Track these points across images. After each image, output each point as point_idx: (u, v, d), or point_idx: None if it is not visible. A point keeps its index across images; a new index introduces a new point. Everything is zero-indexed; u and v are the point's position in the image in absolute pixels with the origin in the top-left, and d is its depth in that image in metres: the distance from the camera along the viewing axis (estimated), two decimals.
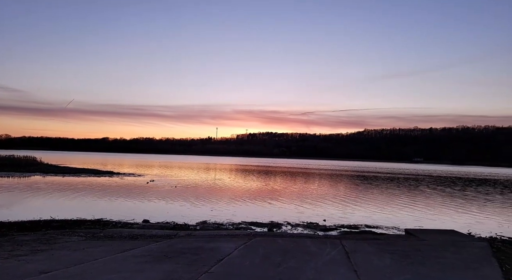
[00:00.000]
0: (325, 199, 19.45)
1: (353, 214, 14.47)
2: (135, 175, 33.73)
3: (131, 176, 32.29)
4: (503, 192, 27.53)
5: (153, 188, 22.48)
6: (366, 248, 6.82)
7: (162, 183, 26.12)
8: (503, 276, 4.87)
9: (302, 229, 11.15)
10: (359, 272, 4.97)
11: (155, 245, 6.84)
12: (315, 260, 5.62)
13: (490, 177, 50.82)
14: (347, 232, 10.76)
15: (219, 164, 76.83)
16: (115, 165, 55.28)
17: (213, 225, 11.25)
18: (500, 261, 5.76)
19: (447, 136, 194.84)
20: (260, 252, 6.23)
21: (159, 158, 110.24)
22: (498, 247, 7.02)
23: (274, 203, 17.06)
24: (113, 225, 10.24)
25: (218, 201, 17.22)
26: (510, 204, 19.52)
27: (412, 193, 24.38)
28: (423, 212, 15.80)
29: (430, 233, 8.64)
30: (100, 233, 8.33)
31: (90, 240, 7.40)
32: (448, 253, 6.27)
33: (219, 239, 7.70)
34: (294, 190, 23.91)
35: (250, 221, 12.14)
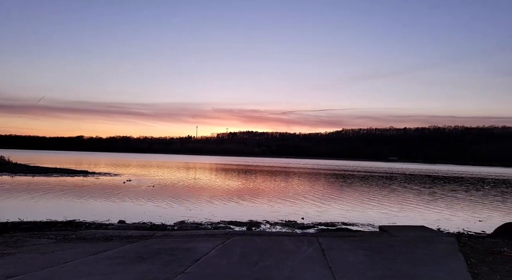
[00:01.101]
0: (304, 197, 19.71)
1: (330, 212, 14.75)
2: (111, 174, 32.81)
3: (107, 175, 31.39)
4: (468, 189, 28.94)
5: (130, 188, 21.96)
6: (342, 245, 6.97)
7: (139, 182, 25.56)
8: (468, 269, 5.12)
9: (281, 228, 11.25)
10: (334, 268, 5.07)
11: (130, 246, 6.68)
12: (291, 258, 5.68)
13: (457, 175, 53.26)
14: (324, 230, 10.96)
15: (199, 163, 76.11)
16: (90, 164, 53.53)
17: (191, 225, 11.13)
18: (465, 255, 6.05)
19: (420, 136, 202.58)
20: (237, 251, 6.23)
21: (137, 157, 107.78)
22: (464, 242, 7.36)
23: (254, 202, 17.10)
24: (87, 226, 9.91)
25: (197, 200, 17.06)
26: (475, 201, 20.54)
27: (386, 191, 25.15)
28: (396, 209, 16.34)
29: (402, 229, 8.94)
30: (72, 235, 8.04)
31: (61, 243, 7.13)
32: (418, 249, 6.52)
33: (197, 239, 7.63)
34: (273, 189, 24.07)
35: (229, 221, 12.12)
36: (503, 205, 19.15)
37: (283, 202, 17.51)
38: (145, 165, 58.29)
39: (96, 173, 32.68)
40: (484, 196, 23.24)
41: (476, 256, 6.07)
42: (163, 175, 35.21)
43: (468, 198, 21.71)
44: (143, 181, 27.10)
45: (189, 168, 51.48)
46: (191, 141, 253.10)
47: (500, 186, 32.82)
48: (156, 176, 33.44)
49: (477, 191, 26.80)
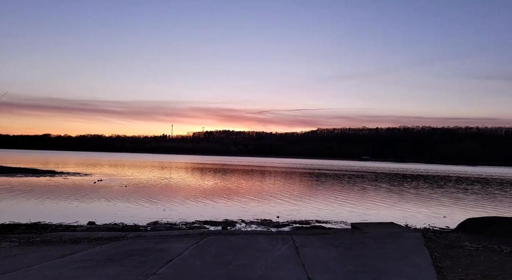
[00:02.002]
0: (279, 196, 19.89)
1: (304, 210, 14.98)
2: (81, 174, 31.52)
3: (76, 175, 30.12)
4: (433, 186, 30.42)
5: (101, 188, 21.20)
6: (315, 242, 7.10)
7: (111, 182, 24.73)
8: (432, 263, 5.38)
9: (256, 226, 11.29)
10: (307, 266, 5.16)
11: (100, 248, 6.45)
12: (266, 257, 5.71)
13: (424, 173, 55.82)
14: (299, 228, 11.11)
15: (174, 162, 74.78)
16: (58, 163, 51.16)
17: (165, 225, 10.93)
18: (430, 249, 6.35)
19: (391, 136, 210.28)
20: (212, 251, 6.18)
21: (109, 157, 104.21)
22: (430, 237, 7.73)
23: (229, 201, 17.05)
24: (53, 228, 9.46)
25: (171, 200, 16.76)
26: (440, 198, 21.62)
27: (358, 189, 25.91)
28: (368, 206, 16.88)
29: (372, 226, 9.24)
30: (37, 238, 7.64)
31: (24, 246, 6.76)
32: (387, 244, 6.77)
33: (170, 240, 7.49)
34: (249, 188, 24.11)
35: (204, 220, 12.00)
36: (465, 201, 20.28)
37: (258, 201, 17.58)
38: (118, 164, 56.50)
39: (64, 173, 31.27)
40: (448, 193, 24.50)
41: (440, 250, 6.39)
42: (137, 174, 34.29)
43: (433, 195, 22.80)
44: (115, 181, 26.25)
45: (163, 168, 50.46)
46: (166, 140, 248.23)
47: (462, 184, 34.75)
48: (129, 175, 32.51)
49: (441, 189, 28.22)
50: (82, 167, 44.82)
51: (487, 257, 6.03)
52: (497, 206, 18.65)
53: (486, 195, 23.97)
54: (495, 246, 6.95)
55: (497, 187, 31.57)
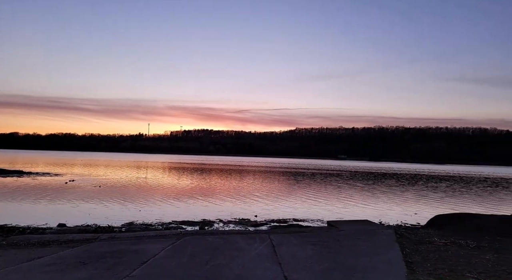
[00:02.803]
0: (257, 195, 19.95)
1: (282, 209, 15.11)
2: (51, 174, 30.20)
3: (46, 175, 28.82)
4: (405, 184, 31.61)
5: (73, 188, 20.42)
6: (292, 240, 7.17)
7: (84, 183, 23.87)
8: (403, 259, 5.59)
9: (234, 226, 11.26)
10: (283, 264, 5.21)
11: (70, 251, 6.20)
12: (242, 256, 5.71)
13: (397, 172, 57.84)
14: (277, 226, 11.19)
15: (150, 161, 73.21)
16: (26, 163, 48.75)
17: (140, 226, 10.68)
18: (402, 245, 6.59)
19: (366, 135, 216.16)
20: (188, 251, 6.10)
21: (82, 156, 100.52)
22: (401, 233, 8.01)
23: (207, 201, 16.91)
24: (20, 231, 8.99)
25: (148, 200, 16.40)
26: (411, 195, 22.49)
27: (335, 187, 26.46)
28: (344, 204, 17.27)
29: (348, 223, 9.47)
30: (3, 242, 7.25)
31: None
32: (361, 241, 6.96)
33: (146, 241, 7.33)
34: (227, 188, 24.02)
35: (181, 220, 11.84)
36: (434, 199, 21.20)
37: (237, 200, 17.55)
38: (92, 164, 54.62)
39: (33, 173, 29.84)
40: (418, 191, 25.52)
41: (411, 246, 6.64)
42: (111, 174, 33.29)
43: (405, 193, 23.67)
44: (88, 181, 25.35)
45: (140, 167, 49.29)
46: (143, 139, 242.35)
47: (432, 182, 36.32)
48: (104, 175, 31.50)
49: (412, 187, 29.35)
50: (53, 167, 42.95)
51: (454, 252, 6.32)
52: (463, 202, 19.62)
53: (453, 193, 25.16)
54: (462, 241, 7.30)
55: (463, 185, 33.23)
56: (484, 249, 6.61)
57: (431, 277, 4.64)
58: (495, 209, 17.20)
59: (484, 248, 6.74)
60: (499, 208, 17.69)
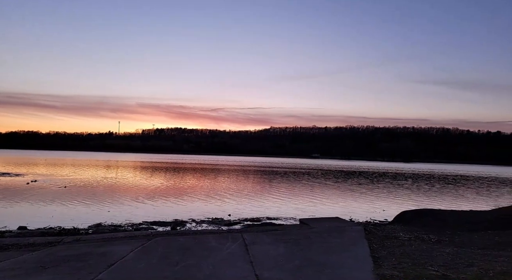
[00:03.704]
0: (231, 194, 19.89)
1: (256, 208, 15.17)
2: (11, 174, 28.41)
3: (6, 176, 27.07)
4: (373, 182, 32.82)
5: (35, 189, 19.34)
6: (264, 239, 7.21)
7: (47, 183, 22.67)
8: (370, 254, 5.79)
9: (207, 225, 11.16)
10: (255, 263, 5.22)
11: (31, 255, 5.86)
12: (214, 256, 5.66)
13: (366, 170, 59.91)
14: (250, 225, 11.21)
15: (121, 161, 70.86)
16: None
17: (109, 227, 10.31)
18: (369, 241, 6.83)
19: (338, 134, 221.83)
20: (158, 252, 5.96)
21: (46, 155, 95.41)
22: (370, 230, 8.30)
23: (180, 201, 16.62)
24: None
25: (117, 201, 15.86)
26: (379, 193, 23.38)
27: (307, 185, 26.95)
28: (316, 202, 17.62)
29: (319, 221, 9.66)
30: None
31: None
32: (331, 238, 7.13)
33: (114, 242, 7.08)
34: (201, 187, 23.75)
35: (153, 221, 11.57)
36: (401, 195, 22.16)
37: (210, 200, 17.40)
38: (56, 163, 51.98)
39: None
40: (386, 188, 26.58)
41: (378, 242, 6.89)
42: (78, 174, 31.87)
43: (374, 190, 24.56)
44: (52, 181, 24.10)
45: (109, 167, 47.56)
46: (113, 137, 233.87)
47: (398, 179, 37.95)
48: (70, 175, 30.08)
49: (380, 184, 30.53)
50: (13, 166, 40.44)
51: (417, 246, 6.64)
52: (426, 199, 20.66)
53: (417, 190, 26.44)
54: (424, 236, 7.68)
55: (426, 182, 35.01)
56: (444, 243, 6.99)
57: (395, 270, 4.83)
58: (454, 205, 18.25)
59: (445, 242, 7.13)
60: (458, 204, 18.79)
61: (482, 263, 5.22)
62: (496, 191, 28.07)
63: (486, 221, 9.62)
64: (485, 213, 11.44)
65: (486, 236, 7.75)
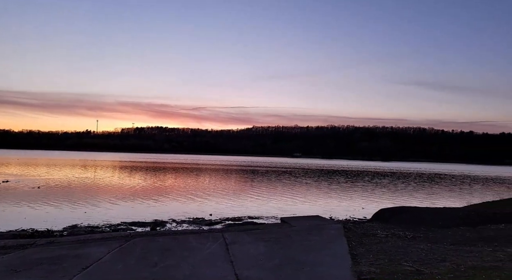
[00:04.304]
0: (213, 194, 19.77)
1: (238, 207, 15.15)
2: None
3: None
4: (353, 180, 33.53)
5: (7, 190, 18.51)
6: (245, 238, 7.21)
7: (20, 183, 21.73)
8: (349, 251, 5.91)
9: (188, 225, 11.04)
10: (235, 262, 5.21)
11: (1, 259, 5.59)
12: (194, 256, 5.61)
13: (347, 169, 61.13)
14: (231, 225, 11.18)
15: (99, 160, 68.93)
16: None
17: (85, 229, 10.00)
18: (348, 239, 6.96)
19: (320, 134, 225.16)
20: (136, 253, 5.84)
21: (19, 154, 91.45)
22: (349, 228, 8.46)
23: (160, 201, 16.36)
24: None
25: (94, 201, 15.42)
26: (359, 191, 23.91)
27: (289, 184, 27.18)
28: (297, 201, 17.80)
29: (300, 219, 9.76)
30: None
31: None
32: (311, 236, 7.22)
33: (90, 244, 6.87)
34: (181, 186, 23.47)
35: (131, 221, 11.33)
36: (379, 193, 22.74)
37: (191, 199, 17.23)
38: (30, 163, 49.93)
39: None
40: (365, 187, 27.21)
41: (356, 239, 7.04)
42: (52, 174, 30.74)
43: (354, 189, 25.09)
44: (25, 181, 23.14)
45: (86, 166, 46.17)
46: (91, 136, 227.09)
47: (377, 178, 38.94)
48: (43, 175, 28.96)
49: (360, 182, 31.22)
50: None
51: (394, 243, 6.83)
52: (403, 197, 21.31)
53: (395, 188, 27.22)
54: (401, 233, 7.91)
55: (403, 180, 36.11)
56: (419, 239, 7.22)
57: (372, 267, 4.95)
58: (429, 202, 18.92)
59: (420, 238, 7.38)
60: (433, 201, 19.49)
61: (454, 258, 5.43)
62: (468, 188, 29.33)
63: (458, 217, 10.01)
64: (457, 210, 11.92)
65: (458, 232, 8.07)
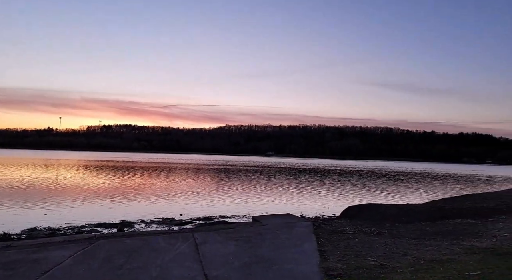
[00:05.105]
0: (183, 193, 19.45)
1: (209, 207, 15.00)
2: None
3: None
4: (322, 178, 34.39)
5: None
6: (216, 238, 7.15)
7: None
8: (317, 248, 6.04)
9: (157, 226, 10.79)
10: (204, 262, 5.15)
11: None
12: (162, 257, 5.48)
13: (317, 167, 62.56)
14: (202, 224, 11.05)
15: (62, 159, 65.53)
16: None
17: (46, 232, 9.48)
18: (317, 236, 7.12)
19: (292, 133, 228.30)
20: (101, 256, 5.61)
21: None
22: (318, 225, 8.65)
23: (128, 201, 15.84)
24: None
25: (55, 203, 14.64)
26: (328, 188, 24.56)
27: (261, 183, 27.34)
28: (269, 199, 17.94)
29: (271, 218, 9.84)
30: None
31: None
32: (282, 234, 7.31)
33: (50, 248, 6.51)
34: (150, 186, 22.88)
35: (97, 223, 10.87)
36: (348, 191, 23.48)
37: (161, 199, 16.83)
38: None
39: None
40: (335, 184, 27.99)
41: (325, 236, 7.21)
42: (8, 174, 28.79)
43: (324, 187, 25.71)
44: None
45: (48, 165, 43.72)
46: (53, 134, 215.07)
47: (345, 176, 40.20)
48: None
49: (329, 180, 32.07)
50: None
51: (360, 239, 7.07)
52: (369, 194, 22.15)
53: (362, 185, 28.23)
54: (367, 229, 8.20)
55: (369, 178, 37.54)
56: (384, 235, 7.53)
57: (339, 263, 5.09)
58: (394, 199, 19.80)
59: (384, 234, 7.69)
60: (397, 198, 20.42)
61: (415, 252, 5.72)
62: (429, 185, 31.04)
63: (420, 213, 10.57)
64: (419, 206, 12.58)
65: (420, 227, 8.51)
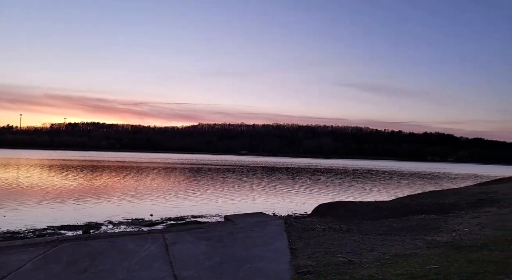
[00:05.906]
0: (154, 193, 18.99)
1: (181, 206, 14.76)
2: None
3: None
4: (294, 177, 34.96)
5: None
6: (187, 238, 7.04)
7: None
8: (288, 246, 6.12)
9: (126, 227, 10.46)
10: (174, 263, 5.05)
11: None
12: (130, 259, 5.31)
13: (290, 166, 63.48)
14: (174, 225, 10.85)
15: (22, 158, 61.72)
16: None
17: (4, 235, 8.92)
18: (288, 234, 7.21)
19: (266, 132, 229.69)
20: (64, 259, 5.34)
21: None
22: (290, 223, 8.77)
23: (95, 202, 15.21)
24: None
25: (15, 204, 13.78)
26: (300, 187, 25.00)
27: (234, 182, 27.30)
28: (241, 198, 17.95)
29: (244, 217, 9.83)
30: None
31: None
32: (254, 233, 7.33)
33: (8, 252, 6.10)
34: (119, 186, 22.12)
35: (60, 225, 10.36)
36: (319, 189, 24.02)
37: (130, 199, 16.33)
38: None
39: None
40: (306, 183, 28.53)
41: (296, 234, 7.32)
42: None
43: (296, 185, 26.13)
44: None
45: (6, 165, 41.02)
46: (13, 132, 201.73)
47: (317, 174, 41.09)
48: None
49: (302, 179, 32.64)
50: None
51: (330, 236, 7.24)
52: (339, 192, 22.79)
53: (332, 184, 29.00)
54: (337, 226, 8.42)
55: (340, 177, 38.64)
56: (353, 232, 7.77)
57: (309, 260, 5.19)
58: (362, 197, 20.50)
59: (353, 230, 7.93)
60: (365, 196, 21.16)
61: (381, 248, 5.95)
62: (395, 183, 32.45)
63: (387, 210, 11.01)
64: (386, 203, 13.10)
65: (386, 223, 8.86)
